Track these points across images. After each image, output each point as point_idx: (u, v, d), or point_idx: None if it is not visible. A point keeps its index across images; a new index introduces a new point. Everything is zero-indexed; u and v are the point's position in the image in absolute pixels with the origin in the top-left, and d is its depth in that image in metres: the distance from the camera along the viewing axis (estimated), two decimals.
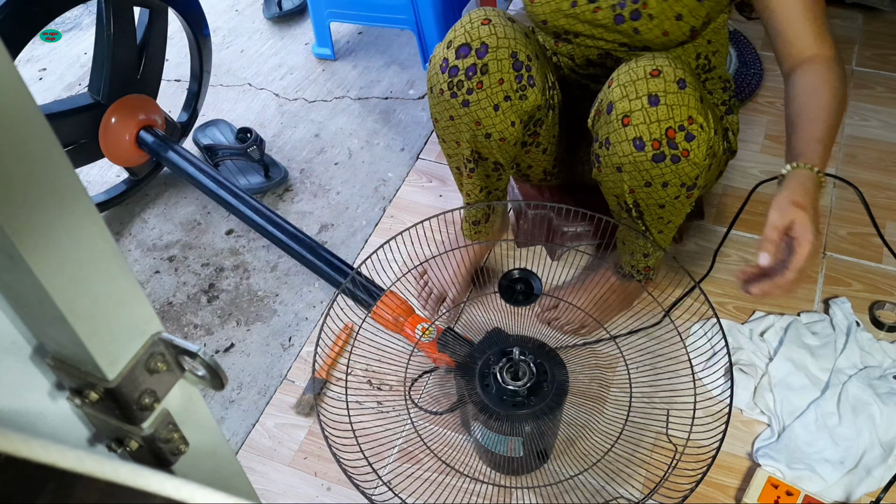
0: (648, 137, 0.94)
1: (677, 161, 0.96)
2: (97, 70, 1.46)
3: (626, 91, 0.95)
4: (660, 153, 0.95)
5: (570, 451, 1.10)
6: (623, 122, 0.96)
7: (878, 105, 1.67)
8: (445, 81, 1.03)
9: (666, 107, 0.93)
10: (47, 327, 0.39)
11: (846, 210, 1.45)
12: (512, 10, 2.08)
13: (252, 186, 1.62)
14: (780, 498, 1.02)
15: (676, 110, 0.93)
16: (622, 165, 0.99)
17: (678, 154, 0.95)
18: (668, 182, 0.98)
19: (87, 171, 1.73)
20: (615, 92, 0.96)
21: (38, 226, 0.34)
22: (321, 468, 1.15)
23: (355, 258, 1.47)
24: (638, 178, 0.99)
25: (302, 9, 2.16)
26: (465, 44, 1.01)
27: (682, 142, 0.94)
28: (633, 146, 0.96)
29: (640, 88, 0.94)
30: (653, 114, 0.94)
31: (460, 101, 1.04)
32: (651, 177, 0.98)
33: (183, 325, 1.40)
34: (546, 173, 1.27)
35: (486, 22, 1.02)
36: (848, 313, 1.24)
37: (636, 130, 0.95)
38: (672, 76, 0.93)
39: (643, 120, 0.94)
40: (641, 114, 0.94)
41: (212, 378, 0.43)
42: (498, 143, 1.09)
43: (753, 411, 1.15)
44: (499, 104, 1.04)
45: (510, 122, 1.06)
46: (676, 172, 0.97)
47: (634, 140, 0.96)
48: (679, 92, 0.93)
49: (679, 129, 0.94)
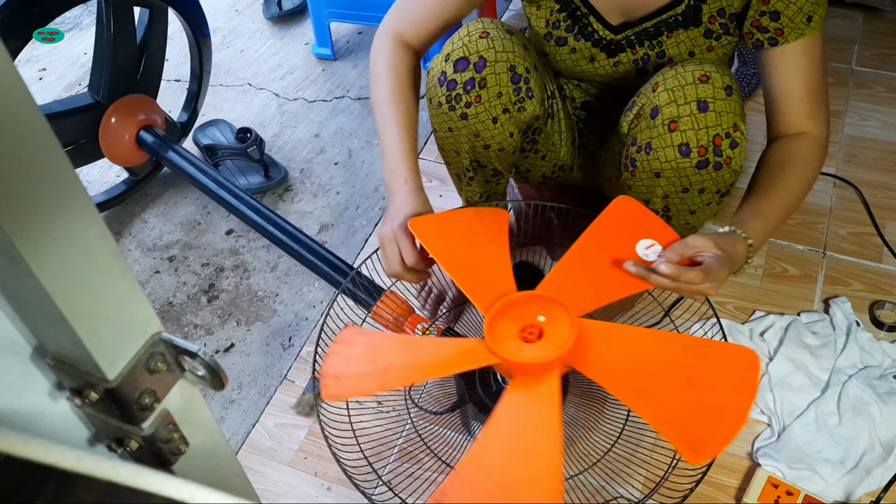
0: (695, 144, 0.93)
1: (719, 168, 0.95)
2: (97, 70, 1.46)
3: (675, 96, 0.93)
4: (704, 160, 0.94)
5: (570, 451, 1.10)
6: (669, 128, 0.94)
7: (878, 105, 1.67)
8: (443, 95, 1.03)
9: (715, 113, 0.92)
10: (47, 327, 0.39)
11: (846, 210, 1.45)
12: (512, 10, 2.08)
13: (252, 186, 1.62)
14: (780, 498, 1.02)
15: (724, 117, 0.92)
16: (662, 171, 0.98)
17: (721, 161, 0.94)
18: (706, 188, 0.98)
19: (87, 171, 1.73)
20: (662, 96, 0.94)
21: (39, 226, 0.34)
22: (321, 468, 1.15)
23: (355, 258, 1.47)
24: (676, 183, 0.98)
25: (302, 9, 2.16)
26: (463, 57, 1.00)
27: (727, 149, 0.93)
28: (678, 152, 0.94)
29: (689, 94, 0.92)
30: (701, 120, 0.92)
31: (459, 114, 1.03)
32: (690, 183, 0.97)
33: (183, 325, 1.40)
34: (545, 177, 1.27)
35: (484, 35, 1.00)
36: (848, 313, 1.24)
37: (683, 136, 0.93)
38: (720, 82, 0.92)
39: (691, 126, 0.93)
40: (690, 119, 0.92)
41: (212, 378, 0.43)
42: (497, 153, 1.09)
43: (753, 411, 1.15)
44: (497, 117, 1.03)
45: (509, 133, 1.06)
46: (715, 179, 0.96)
47: (680, 146, 0.94)
48: (727, 98, 0.92)
49: (725, 136, 0.93)
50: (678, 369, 0.78)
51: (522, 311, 0.84)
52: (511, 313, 0.84)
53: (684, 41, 1.03)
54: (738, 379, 0.76)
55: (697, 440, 0.72)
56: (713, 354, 0.80)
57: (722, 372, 0.78)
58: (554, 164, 1.24)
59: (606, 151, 1.18)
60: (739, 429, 0.73)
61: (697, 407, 0.75)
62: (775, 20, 0.95)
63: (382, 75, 1.06)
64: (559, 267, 0.92)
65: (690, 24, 1.01)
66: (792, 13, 0.93)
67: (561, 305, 0.83)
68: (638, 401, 0.76)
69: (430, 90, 1.05)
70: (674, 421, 0.74)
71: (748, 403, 0.74)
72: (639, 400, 0.76)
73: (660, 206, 1.04)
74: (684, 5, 1.00)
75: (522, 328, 0.82)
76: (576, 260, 0.92)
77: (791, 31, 0.95)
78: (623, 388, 0.78)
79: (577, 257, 0.92)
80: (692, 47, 1.04)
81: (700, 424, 0.73)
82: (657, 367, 0.80)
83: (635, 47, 1.06)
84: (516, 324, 0.83)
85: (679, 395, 0.76)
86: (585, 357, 0.81)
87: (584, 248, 0.92)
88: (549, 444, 0.73)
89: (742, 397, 0.74)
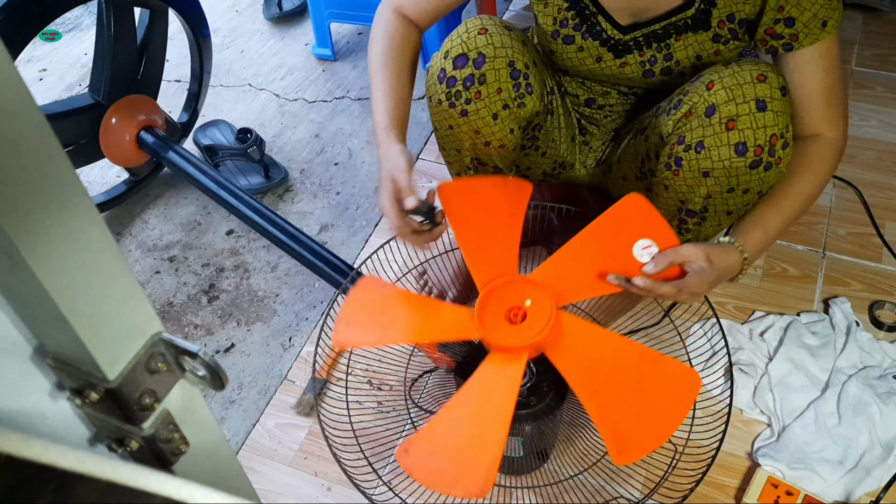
0: (753, 143, 0.93)
1: (769, 168, 0.94)
2: (98, 70, 1.46)
3: (733, 94, 0.92)
4: (758, 160, 0.93)
5: (570, 451, 1.10)
6: (727, 126, 0.93)
7: (877, 105, 1.67)
8: (443, 92, 1.03)
9: (773, 113, 0.92)
10: (48, 327, 0.39)
11: (846, 210, 1.45)
12: (512, 11, 2.08)
13: (252, 187, 1.62)
14: (780, 498, 1.02)
15: (780, 117, 0.92)
16: (711, 170, 0.97)
17: (773, 161, 0.94)
18: (750, 189, 0.97)
19: (88, 172, 1.73)
20: (720, 94, 0.93)
21: (39, 226, 0.34)
22: (321, 468, 1.15)
23: (355, 258, 1.47)
24: (724, 183, 0.97)
25: (302, 9, 2.17)
26: (462, 54, 1.00)
27: (780, 150, 0.93)
28: (734, 151, 0.94)
29: (748, 93, 0.92)
30: (760, 119, 0.92)
31: (459, 111, 1.03)
32: (738, 182, 0.97)
33: (183, 325, 1.40)
34: (546, 175, 1.27)
35: (482, 31, 1.01)
36: (848, 313, 1.24)
37: (741, 135, 0.93)
38: (776, 82, 0.92)
39: (750, 125, 0.92)
40: (749, 118, 0.92)
41: (212, 378, 0.43)
42: (497, 150, 1.09)
43: (753, 411, 1.15)
44: (497, 113, 1.04)
45: (509, 129, 1.06)
46: (762, 180, 0.96)
47: (737, 145, 0.93)
48: (782, 99, 0.92)
49: (780, 136, 0.93)
50: (630, 374, 0.86)
51: (513, 292, 0.90)
52: (503, 292, 0.90)
53: (692, 44, 1.03)
54: (677, 395, 0.83)
55: (626, 442, 0.79)
56: (663, 369, 0.86)
57: (666, 386, 0.85)
58: (554, 161, 1.24)
59: (624, 150, 1.18)
60: (664, 440, 0.80)
61: (635, 412, 0.82)
62: (790, 26, 0.95)
63: (377, 39, 1.08)
64: (559, 254, 0.95)
65: (700, 27, 1.01)
66: (807, 19, 0.93)
67: (547, 294, 0.88)
68: (588, 394, 0.84)
69: (429, 88, 1.05)
70: (612, 419, 0.82)
71: (679, 420, 0.81)
72: (589, 394, 0.84)
73: (699, 207, 1.03)
74: (694, 9, 1.00)
75: (509, 308, 0.89)
76: (576, 250, 0.95)
77: (806, 36, 0.94)
78: (579, 380, 0.85)
79: (578, 248, 0.95)
80: (700, 51, 1.04)
81: (632, 428, 0.81)
82: (612, 369, 0.87)
83: (643, 49, 1.06)
84: (505, 303, 0.89)
85: (624, 397, 0.84)
86: (556, 346, 0.88)
87: (586, 240, 0.95)
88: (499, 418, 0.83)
89: (675, 413, 0.81)
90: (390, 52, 1.07)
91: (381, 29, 1.09)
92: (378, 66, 1.06)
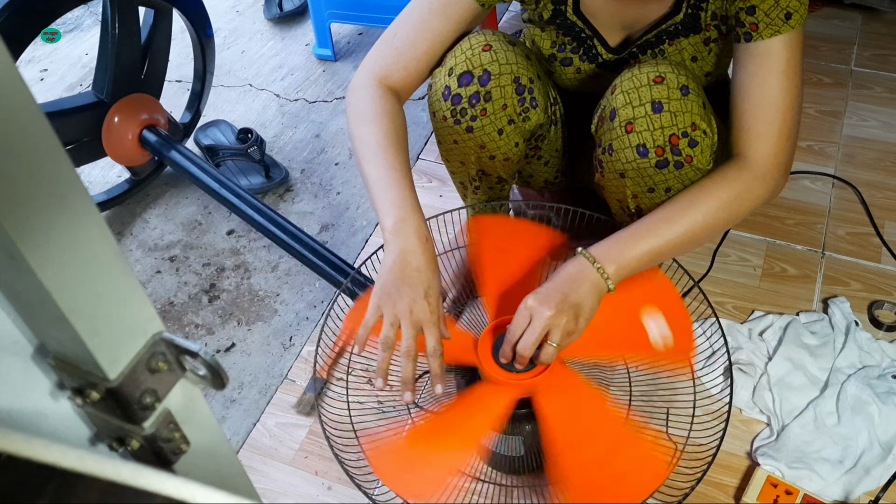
0: (652, 144, 0.94)
1: (680, 167, 0.95)
2: (101, 69, 1.46)
3: (630, 98, 0.94)
4: (663, 160, 0.94)
5: None
6: (626, 129, 0.95)
7: (877, 105, 1.67)
8: (448, 109, 1.02)
9: (669, 113, 0.92)
10: (48, 327, 0.39)
11: (845, 210, 1.45)
12: (512, 11, 2.08)
13: (253, 187, 1.62)
14: (780, 497, 1.03)
15: (680, 117, 0.92)
16: (625, 172, 0.99)
17: (681, 160, 0.94)
18: (671, 187, 0.98)
19: (89, 171, 1.73)
20: (618, 99, 0.96)
21: (39, 225, 0.34)
22: (322, 467, 1.15)
23: (356, 258, 1.47)
24: (641, 183, 0.99)
25: (302, 10, 2.17)
26: (467, 71, 0.99)
27: (686, 148, 0.93)
28: (637, 153, 0.95)
29: (644, 95, 0.93)
30: (656, 120, 0.93)
31: (464, 127, 1.03)
32: (654, 183, 0.98)
33: (184, 324, 1.40)
34: (548, 182, 1.27)
35: (487, 48, 1.00)
36: (847, 313, 1.24)
37: (639, 137, 0.94)
38: (675, 83, 0.93)
39: (647, 127, 0.93)
40: (645, 121, 0.93)
41: (213, 378, 0.43)
42: (502, 162, 1.09)
43: (752, 410, 1.15)
44: (503, 128, 1.03)
45: (514, 143, 1.06)
46: (680, 178, 0.96)
47: (638, 147, 0.95)
48: (682, 98, 0.92)
49: (682, 135, 0.93)
50: (609, 438, 0.90)
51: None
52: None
53: (686, 48, 1.03)
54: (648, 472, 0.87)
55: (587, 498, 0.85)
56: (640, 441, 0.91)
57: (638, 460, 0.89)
58: (556, 170, 1.24)
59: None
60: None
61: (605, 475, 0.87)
62: (751, 14, 0.91)
63: (368, 117, 0.96)
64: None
65: (690, 31, 1.02)
66: (768, 7, 0.89)
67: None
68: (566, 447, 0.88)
69: (433, 104, 1.05)
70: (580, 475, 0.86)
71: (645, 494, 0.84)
72: (567, 447, 0.88)
73: (632, 206, 1.04)
74: (682, 14, 1.00)
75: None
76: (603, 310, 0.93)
77: (767, 26, 0.90)
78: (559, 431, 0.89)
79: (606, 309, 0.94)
80: (694, 53, 1.04)
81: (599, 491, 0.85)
82: (594, 428, 0.91)
83: (638, 58, 1.06)
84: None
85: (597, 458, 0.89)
86: (546, 393, 0.92)
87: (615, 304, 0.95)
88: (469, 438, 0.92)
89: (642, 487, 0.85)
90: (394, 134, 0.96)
91: (372, 104, 0.97)
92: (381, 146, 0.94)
